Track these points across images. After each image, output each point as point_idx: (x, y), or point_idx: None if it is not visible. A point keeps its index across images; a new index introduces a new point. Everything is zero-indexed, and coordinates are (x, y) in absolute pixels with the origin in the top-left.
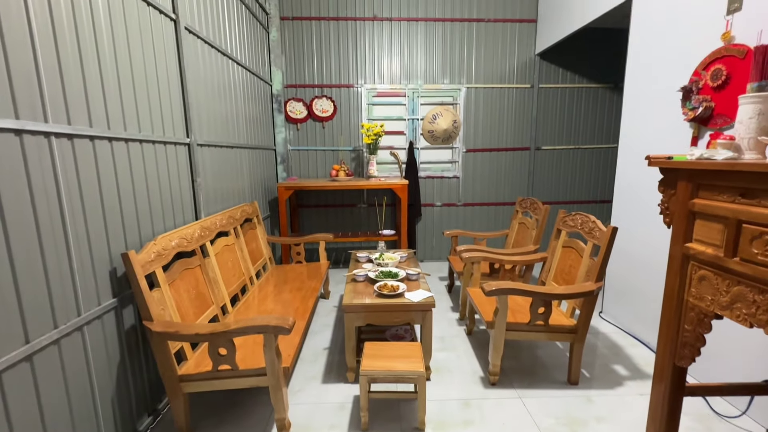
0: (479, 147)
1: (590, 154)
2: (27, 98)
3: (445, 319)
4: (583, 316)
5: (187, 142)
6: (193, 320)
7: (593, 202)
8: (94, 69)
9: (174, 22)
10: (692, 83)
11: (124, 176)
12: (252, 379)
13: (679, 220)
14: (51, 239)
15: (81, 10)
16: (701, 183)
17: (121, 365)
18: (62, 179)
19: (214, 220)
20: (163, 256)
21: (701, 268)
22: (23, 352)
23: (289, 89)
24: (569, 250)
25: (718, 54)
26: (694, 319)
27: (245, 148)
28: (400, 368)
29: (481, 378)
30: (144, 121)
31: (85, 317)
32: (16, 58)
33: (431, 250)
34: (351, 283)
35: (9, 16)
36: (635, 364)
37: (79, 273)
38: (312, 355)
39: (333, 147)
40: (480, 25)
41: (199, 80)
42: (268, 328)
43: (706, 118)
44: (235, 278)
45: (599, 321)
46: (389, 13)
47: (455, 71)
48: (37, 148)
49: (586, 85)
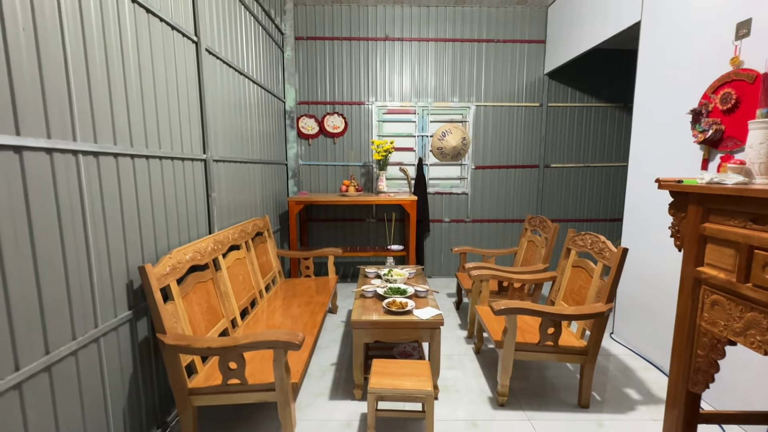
0: (488, 164)
1: (600, 173)
2: (59, 118)
3: (453, 336)
4: (594, 337)
5: (204, 158)
6: (204, 333)
7: (603, 221)
8: (121, 90)
9: (195, 44)
10: (702, 106)
11: (144, 191)
12: (261, 394)
13: (690, 243)
14: (74, 253)
15: (111, 34)
16: (712, 207)
17: (133, 377)
18: (87, 195)
19: (226, 234)
20: (178, 269)
21: (713, 292)
22: (43, 363)
23: (302, 106)
24: (579, 269)
25: (727, 78)
26: (707, 345)
27: (258, 163)
28: (408, 387)
29: (489, 398)
30: (164, 138)
31: (102, 329)
32: (51, 82)
33: (439, 266)
34: (360, 298)
35: (47, 41)
36: (648, 388)
37: (98, 285)
38: (319, 371)
39: (343, 162)
40: (490, 45)
41: (217, 98)
42: (278, 344)
43: (717, 140)
44: (246, 291)
45: (610, 342)
46: (401, 34)
47: (465, 89)
48: (65, 166)
49: (595, 105)
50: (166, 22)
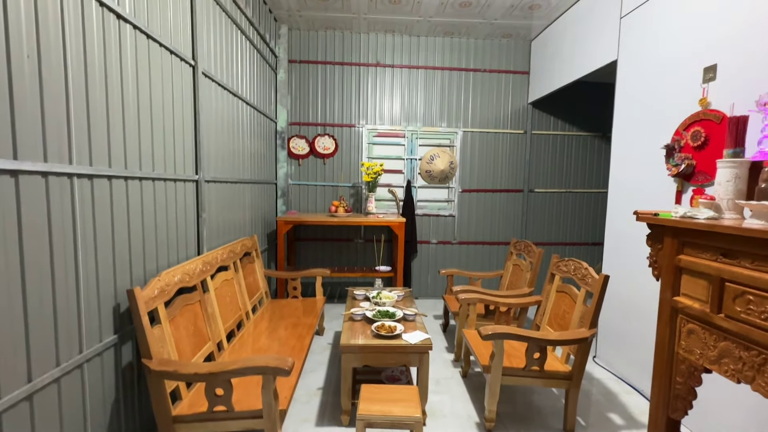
0: (474, 188)
1: (581, 198)
2: (56, 142)
3: (440, 359)
4: (578, 362)
5: (196, 179)
6: (190, 357)
7: (585, 244)
8: (118, 112)
9: (192, 68)
10: (674, 141)
11: (135, 213)
12: (247, 421)
13: (666, 273)
14: (63, 277)
15: (111, 59)
16: (686, 240)
17: (115, 404)
18: (79, 218)
19: (215, 255)
20: (166, 291)
21: (689, 321)
22: (25, 392)
23: (293, 126)
24: (563, 294)
25: (696, 117)
26: (685, 372)
27: (248, 182)
28: (396, 413)
29: (476, 423)
30: (158, 159)
31: (86, 354)
32: (51, 106)
33: (426, 287)
34: (348, 321)
35: (50, 67)
36: (630, 413)
37: (85, 310)
38: (306, 395)
39: (333, 183)
40: (477, 74)
41: (211, 120)
42: (267, 369)
43: (689, 174)
44: (232, 313)
45: (593, 366)
46: (392, 61)
47: (452, 115)
48: (59, 189)
49: (576, 133)
50: (165, 47)
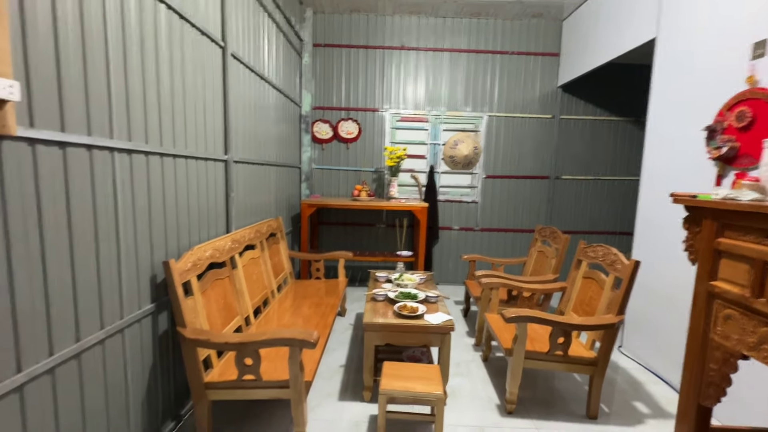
0: (499, 174)
1: (611, 186)
2: (98, 117)
3: (461, 343)
4: (604, 348)
5: (225, 159)
6: (220, 329)
7: (613, 234)
8: (154, 91)
9: (222, 49)
10: (717, 123)
11: (170, 189)
12: (274, 390)
13: (704, 258)
14: (106, 246)
15: (148, 38)
16: (726, 223)
17: (152, 369)
18: (120, 191)
19: (243, 234)
20: (198, 265)
21: (727, 307)
22: (74, 350)
23: (317, 111)
24: (590, 281)
25: (742, 96)
26: (720, 359)
27: (273, 165)
28: (418, 389)
29: (497, 406)
30: (190, 138)
31: (127, 320)
32: (94, 83)
33: (447, 273)
34: (371, 302)
35: (92, 42)
36: (656, 402)
37: (125, 278)
38: (328, 372)
39: (356, 167)
40: (504, 57)
41: (239, 102)
42: (294, 341)
43: (731, 157)
44: (259, 290)
45: (619, 356)
46: (416, 43)
47: (478, 99)
48: (102, 163)
49: (608, 118)
50: (198, 27)
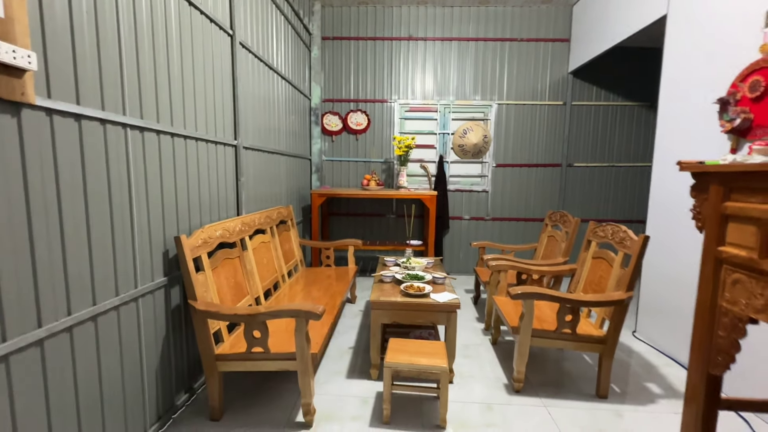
0: (509, 162)
1: (624, 173)
2: (112, 93)
3: (470, 327)
4: (613, 326)
5: (235, 144)
6: (231, 306)
7: (627, 221)
8: (164, 73)
9: (231, 37)
10: (730, 95)
11: (181, 168)
12: (282, 362)
13: (711, 223)
14: (120, 217)
15: (158, 22)
16: (734, 186)
17: (165, 340)
18: (132, 166)
19: (253, 218)
20: (209, 243)
21: (735, 271)
22: (90, 312)
23: (326, 103)
24: (599, 260)
25: (756, 66)
26: (728, 325)
27: (284, 155)
28: (423, 363)
29: (505, 384)
30: (200, 121)
31: (141, 290)
32: (107, 61)
33: (457, 262)
34: (378, 283)
35: (104, 20)
36: (669, 383)
37: (138, 250)
38: (337, 353)
39: (365, 159)
40: (513, 44)
41: (248, 89)
42: (300, 313)
43: (745, 129)
44: (269, 274)
45: (633, 341)
46: (424, 33)
47: (487, 88)
48: (115, 138)
49: (620, 103)
50: (206, 14)
